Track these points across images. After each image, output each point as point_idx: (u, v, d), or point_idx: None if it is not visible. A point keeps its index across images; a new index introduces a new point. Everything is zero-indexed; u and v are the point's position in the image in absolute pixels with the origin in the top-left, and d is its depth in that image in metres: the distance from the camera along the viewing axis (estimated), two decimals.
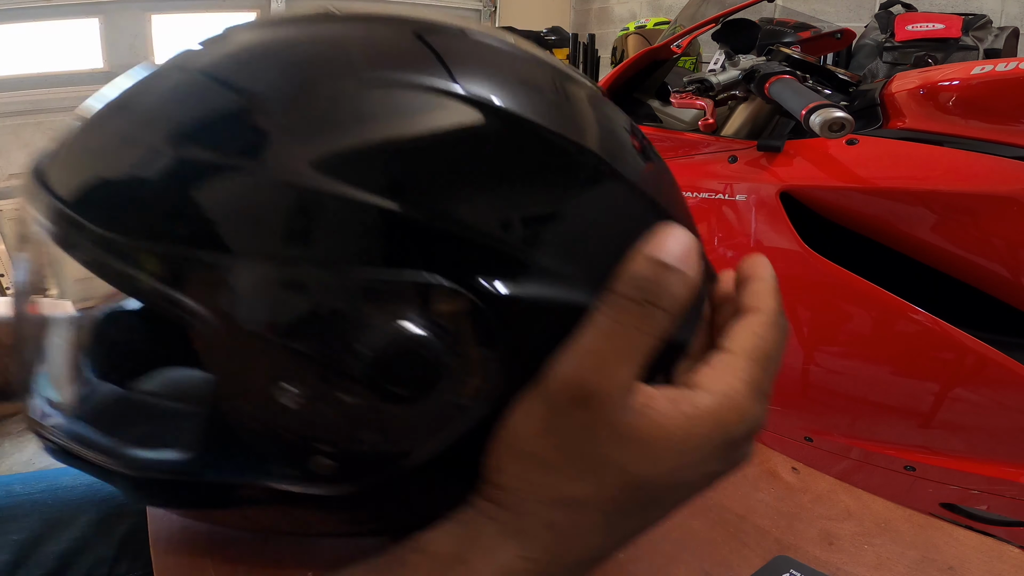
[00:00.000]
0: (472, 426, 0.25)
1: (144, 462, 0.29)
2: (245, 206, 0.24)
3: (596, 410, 0.22)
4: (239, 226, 0.24)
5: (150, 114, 0.28)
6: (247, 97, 0.26)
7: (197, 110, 0.27)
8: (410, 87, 0.26)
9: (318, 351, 0.24)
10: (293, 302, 0.23)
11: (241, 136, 0.25)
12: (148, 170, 0.25)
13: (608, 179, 0.27)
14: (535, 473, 0.24)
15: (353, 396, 0.24)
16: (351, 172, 0.23)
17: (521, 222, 0.25)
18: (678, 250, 0.23)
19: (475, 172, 0.25)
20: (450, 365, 0.24)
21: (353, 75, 0.26)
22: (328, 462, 0.26)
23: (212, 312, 0.24)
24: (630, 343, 0.22)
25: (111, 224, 0.24)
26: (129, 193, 0.25)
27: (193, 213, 0.24)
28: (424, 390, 0.24)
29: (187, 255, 0.24)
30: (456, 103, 0.25)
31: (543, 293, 0.25)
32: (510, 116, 0.26)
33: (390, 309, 0.23)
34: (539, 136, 0.26)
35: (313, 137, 0.24)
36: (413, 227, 0.23)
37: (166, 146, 0.25)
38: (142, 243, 0.24)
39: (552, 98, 0.29)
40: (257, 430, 0.27)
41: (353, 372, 0.24)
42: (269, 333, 0.24)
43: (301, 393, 0.24)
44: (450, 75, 0.26)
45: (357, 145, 0.24)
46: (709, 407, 0.23)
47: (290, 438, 0.26)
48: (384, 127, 0.25)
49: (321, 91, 0.25)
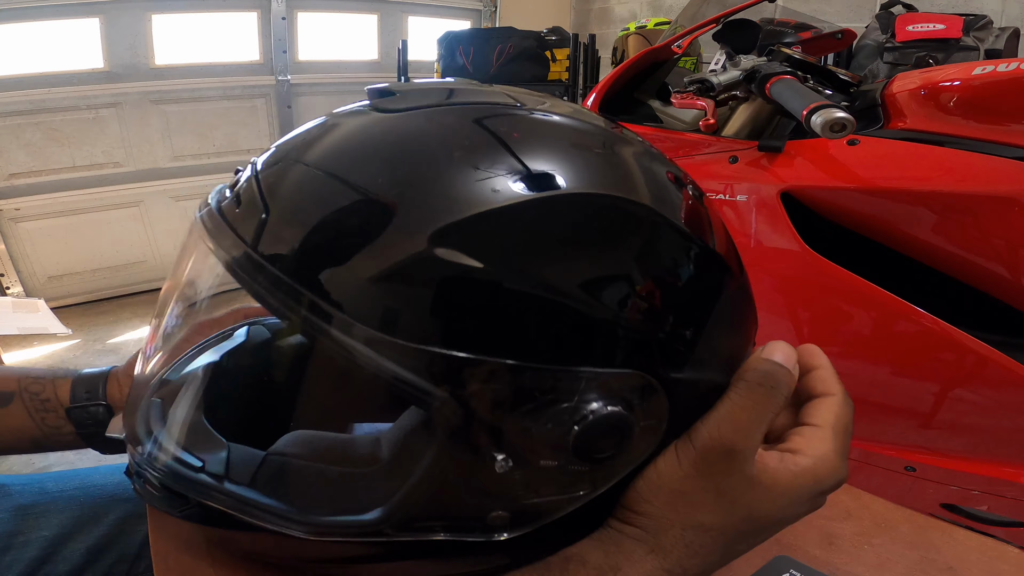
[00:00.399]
0: (629, 474, 0.32)
1: (332, 526, 0.32)
2: (496, 312, 0.28)
3: (736, 462, 0.31)
4: (490, 329, 0.28)
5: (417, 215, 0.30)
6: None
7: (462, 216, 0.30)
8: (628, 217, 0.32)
9: (540, 429, 0.29)
10: (526, 393, 0.29)
11: (496, 246, 0.29)
12: (408, 270, 0.28)
13: (722, 273, 0.34)
14: (680, 504, 0.31)
15: (557, 461, 0.30)
16: (591, 292, 0.29)
17: (686, 324, 0.32)
18: (785, 356, 0.33)
19: (669, 290, 0.32)
20: (635, 432, 0.31)
21: (590, 204, 0.31)
22: (504, 514, 0.32)
23: (455, 398, 0.28)
24: (760, 415, 0.31)
25: (381, 326, 0.28)
26: (393, 294, 0.29)
27: (450, 316, 0.28)
28: (616, 453, 0.31)
29: (439, 353, 0.28)
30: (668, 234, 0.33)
31: (694, 375, 0.32)
32: (674, 229, 0.33)
33: (603, 396, 0.30)
34: (696, 251, 0.33)
35: (555, 256, 0.30)
36: (628, 334, 0.30)
37: (427, 246, 0.28)
38: (405, 344, 0.28)
39: (684, 204, 0.35)
40: (455, 493, 0.31)
41: (567, 443, 0.30)
42: (503, 417, 0.29)
43: (513, 462, 0.30)
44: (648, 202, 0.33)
45: (589, 267, 0.30)
46: (808, 467, 0.31)
47: (482, 498, 0.31)
48: (612, 252, 0.31)
49: (570, 218, 0.31)
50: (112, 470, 0.58)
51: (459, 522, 0.32)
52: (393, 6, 3.23)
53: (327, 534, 0.32)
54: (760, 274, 0.92)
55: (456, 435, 0.29)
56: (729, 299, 0.34)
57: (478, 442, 0.29)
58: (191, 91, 2.72)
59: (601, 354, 0.29)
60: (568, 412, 0.29)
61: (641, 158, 0.35)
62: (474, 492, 0.31)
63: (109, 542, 0.52)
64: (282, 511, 0.32)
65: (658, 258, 0.32)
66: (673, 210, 0.33)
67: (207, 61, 2.76)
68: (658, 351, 0.31)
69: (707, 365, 0.32)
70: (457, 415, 0.28)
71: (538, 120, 0.35)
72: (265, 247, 0.30)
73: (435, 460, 0.30)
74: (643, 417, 0.31)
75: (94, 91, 2.49)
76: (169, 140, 2.73)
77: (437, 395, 0.28)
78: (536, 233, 0.30)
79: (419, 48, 3.02)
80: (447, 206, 0.29)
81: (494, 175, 0.30)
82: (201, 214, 0.34)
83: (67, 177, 2.52)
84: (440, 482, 0.30)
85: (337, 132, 0.35)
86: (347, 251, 0.29)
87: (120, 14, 2.50)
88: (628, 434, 0.31)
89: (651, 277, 0.31)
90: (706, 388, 0.33)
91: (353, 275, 0.28)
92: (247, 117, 2.91)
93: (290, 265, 0.29)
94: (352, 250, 0.29)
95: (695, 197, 0.36)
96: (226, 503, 0.33)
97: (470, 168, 0.30)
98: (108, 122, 2.57)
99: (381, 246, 0.29)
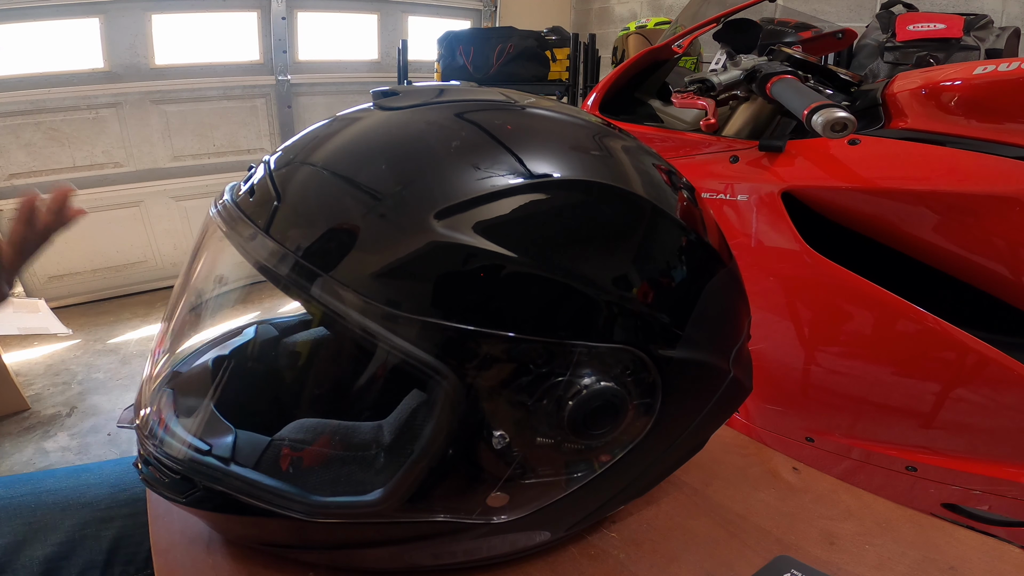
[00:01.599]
0: (624, 454, 0.33)
1: (334, 507, 0.33)
2: (496, 288, 0.30)
3: None
4: (489, 304, 0.30)
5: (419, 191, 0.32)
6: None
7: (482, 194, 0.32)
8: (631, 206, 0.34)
9: (537, 404, 0.30)
10: (523, 366, 0.30)
11: (526, 234, 0.31)
12: (413, 248, 0.30)
13: (708, 255, 0.36)
14: None
15: (553, 439, 0.31)
16: (586, 270, 0.31)
17: (676, 303, 0.33)
18: None
19: (661, 273, 0.33)
20: (628, 409, 0.32)
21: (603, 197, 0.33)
22: (502, 495, 0.32)
23: (455, 371, 0.30)
24: None
25: (388, 301, 0.29)
26: (398, 270, 0.30)
27: (453, 291, 0.30)
28: (611, 430, 0.32)
29: (442, 325, 0.29)
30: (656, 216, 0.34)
31: (684, 354, 0.33)
32: (665, 216, 0.35)
33: (596, 371, 0.31)
34: (682, 236, 0.35)
35: (551, 236, 0.31)
36: (620, 311, 0.31)
37: (433, 224, 0.30)
38: (413, 317, 0.29)
39: (668, 189, 0.36)
40: (455, 472, 0.32)
41: (562, 419, 0.30)
42: (501, 391, 0.30)
43: (510, 438, 0.31)
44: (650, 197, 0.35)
45: (584, 248, 0.31)
46: None
47: (480, 477, 0.32)
48: (603, 233, 0.32)
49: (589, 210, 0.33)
50: (66, 473, 0.56)
51: (459, 503, 0.33)
52: (393, 6, 3.23)
53: (329, 516, 0.33)
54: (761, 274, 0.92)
55: (456, 409, 0.30)
56: (718, 283, 0.36)
57: (477, 417, 0.31)
58: (191, 91, 2.72)
59: (594, 329, 0.31)
60: (563, 386, 0.30)
61: (629, 147, 0.37)
62: (473, 471, 0.32)
63: (70, 550, 0.50)
64: (285, 492, 0.33)
65: (648, 240, 0.33)
66: (665, 199, 0.35)
67: (207, 61, 2.76)
68: (649, 329, 0.32)
69: (698, 345, 0.34)
70: (457, 389, 0.30)
71: (532, 114, 0.37)
72: (277, 231, 0.32)
73: (435, 436, 0.31)
74: (636, 394, 0.32)
75: (94, 91, 2.49)
76: (169, 140, 2.73)
77: (439, 367, 0.29)
78: (536, 215, 0.31)
79: (419, 48, 3.02)
80: (447, 192, 0.31)
81: (491, 164, 0.32)
82: (216, 208, 0.36)
83: (67, 177, 2.52)
84: (439, 459, 0.31)
85: (344, 129, 0.37)
86: (355, 233, 0.30)
87: (120, 14, 2.50)
88: (622, 410, 0.32)
89: (643, 258, 0.33)
90: (697, 369, 0.34)
91: (362, 255, 0.30)
92: (247, 117, 2.91)
93: (300, 246, 0.31)
94: (360, 232, 0.30)
95: (683, 187, 0.38)
96: (232, 485, 0.34)
97: (468, 157, 0.32)
98: (108, 122, 2.57)
99: (387, 228, 0.30)
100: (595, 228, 0.32)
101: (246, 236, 0.32)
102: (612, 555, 0.40)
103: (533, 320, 0.30)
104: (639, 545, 0.40)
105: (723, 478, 0.47)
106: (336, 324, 0.30)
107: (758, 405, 0.98)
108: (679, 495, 0.45)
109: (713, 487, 0.46)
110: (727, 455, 0.49)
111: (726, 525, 0.42)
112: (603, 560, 0.39)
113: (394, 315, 0.29)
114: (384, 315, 0.29)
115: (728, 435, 0.53)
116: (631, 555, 0.39)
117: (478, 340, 0.29)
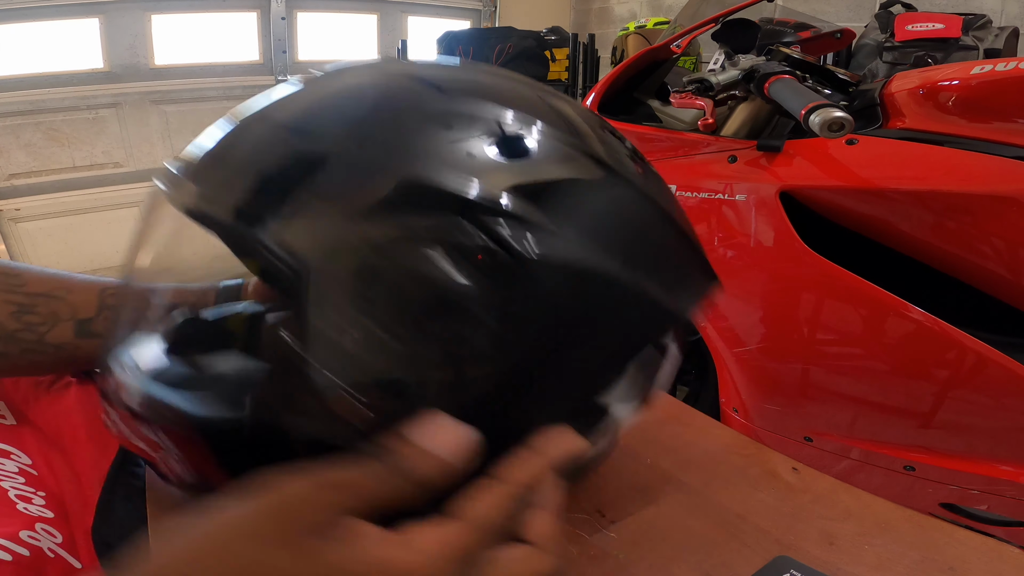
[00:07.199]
0: (476, 370, 0.30)
1: (211, 419, 0.32)
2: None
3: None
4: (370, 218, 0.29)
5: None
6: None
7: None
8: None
9: (380, 297, 0.28)
10: (365, 259, 0.28)
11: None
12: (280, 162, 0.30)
13: (616, 182, 0.33)
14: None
15: (399, 334, 0.28)
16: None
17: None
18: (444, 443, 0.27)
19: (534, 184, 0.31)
20: (473, 306, 0.28)
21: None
22: (356, 404, 0.29)
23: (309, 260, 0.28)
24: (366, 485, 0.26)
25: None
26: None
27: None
28: (456, 325, 0.28)
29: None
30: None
31: (557, 254, 0.30)
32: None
33: (433, 257, 0.28)
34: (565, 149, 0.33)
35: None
36: (471, 204, 0.29)
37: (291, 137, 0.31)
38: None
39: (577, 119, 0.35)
40: (314, 382, 0.29)
41: (405, 312, 0.28)
42: (351, 282, 0.28)
43: (360, 335, 0.28)
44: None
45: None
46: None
47: (337, 386, 0.29)
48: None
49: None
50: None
51: (321, 417, 0.30)
52: (393, 6, 3.23)
53: (203, 431, 0.32)
54: (759, 273, 0.92)
55: (304, 300, 0.29)
56: (613, 193, 0.34)
57: (329, 308, 0.29)
58: (191, 91, 2.72)
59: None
60: (400, 277, 0.29)
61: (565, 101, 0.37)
62: (326, 378, 0.29)
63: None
64: (177, 405, 0.33)
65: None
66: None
67: (207, 61, 2.76)
68: (502, 218, 0.30)
69: (576, 244, 0.31)
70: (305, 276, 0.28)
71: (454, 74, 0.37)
72: (215, 192, 0.31)
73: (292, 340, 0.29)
74: (484, 288, 0.29)
75: (94, 91, 2.49)
76: (169, 140, 2.73)
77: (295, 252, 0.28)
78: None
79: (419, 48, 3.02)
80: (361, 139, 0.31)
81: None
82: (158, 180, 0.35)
83: (67, 177, 2.52)
84: (297, 366, 0.29)
85: (271, 99, 0.36)
86: (292, 191, 0.29)
87: (120, 14, 2.50)
88: (465, 308, 0.29)
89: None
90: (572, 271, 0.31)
91: (296, 212, 0.29)
92: None
93: (237, 204, 0.30)
94: (298, 189, 0.29)
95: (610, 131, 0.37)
96: (135, 397, 0.34)
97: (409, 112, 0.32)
98: (108, 122, 2.57)
99: (318, 186, 0.29)
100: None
101: (184, 194, 0.32)
102: (612, 555, 0.40)
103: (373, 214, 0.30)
104: (638, 545, 0.40)
105: (722, 478, 0.47)
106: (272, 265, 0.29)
107: (757, 405, 0.98)
108: (679, 495, 0.45)
109: (712, 487, 0.46)
110: (726, 455, 0.49)
111: (725, 525, 0.42)
112: (603, 560, 0.39)
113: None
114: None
115: (728, 435, 0.53)
116: (630, 555, 0.39)
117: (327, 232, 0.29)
